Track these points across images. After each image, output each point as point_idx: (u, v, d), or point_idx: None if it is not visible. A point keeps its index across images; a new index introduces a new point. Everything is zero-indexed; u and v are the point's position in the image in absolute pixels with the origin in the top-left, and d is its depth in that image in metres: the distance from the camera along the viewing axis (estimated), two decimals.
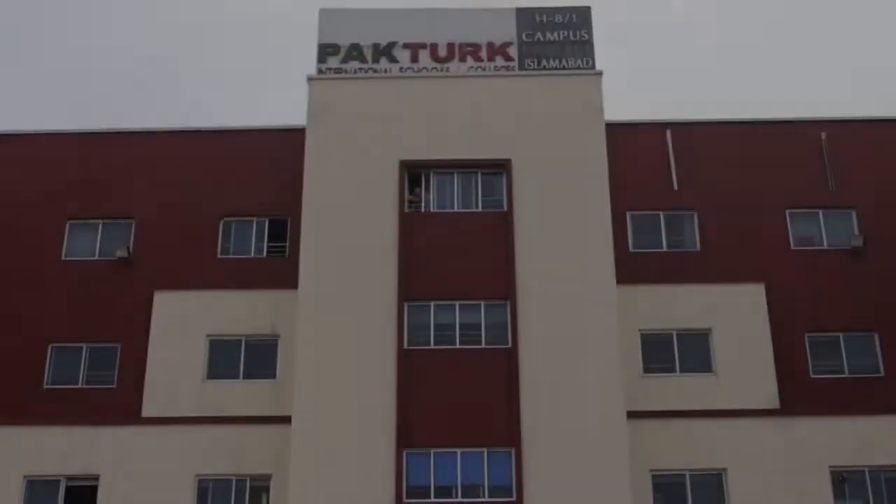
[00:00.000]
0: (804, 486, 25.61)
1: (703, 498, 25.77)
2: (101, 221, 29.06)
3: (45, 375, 27.41)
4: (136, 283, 28.03)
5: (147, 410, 26.59)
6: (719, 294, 27.56)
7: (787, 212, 28.81)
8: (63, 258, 28.73)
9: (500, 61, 29.02)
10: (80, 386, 27.34)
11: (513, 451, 25.00)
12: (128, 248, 28.31)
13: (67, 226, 29.02)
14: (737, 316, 27.27)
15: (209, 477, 25.98)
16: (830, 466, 25.91)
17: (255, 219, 28.87)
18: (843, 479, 25.90)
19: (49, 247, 28.72)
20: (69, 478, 26.16)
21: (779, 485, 25.59)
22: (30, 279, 28.26)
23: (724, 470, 25.81)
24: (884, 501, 25.88)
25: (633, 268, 27.57)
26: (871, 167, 29.21)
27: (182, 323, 27.38)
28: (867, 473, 26.08)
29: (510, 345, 25.94)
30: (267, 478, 25.88)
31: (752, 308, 27.35)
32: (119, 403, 26.80)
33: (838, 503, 25.76)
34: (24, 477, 26.13)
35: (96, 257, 28.74)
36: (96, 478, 26.02)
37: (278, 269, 27.88)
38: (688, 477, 25.92)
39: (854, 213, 28.79)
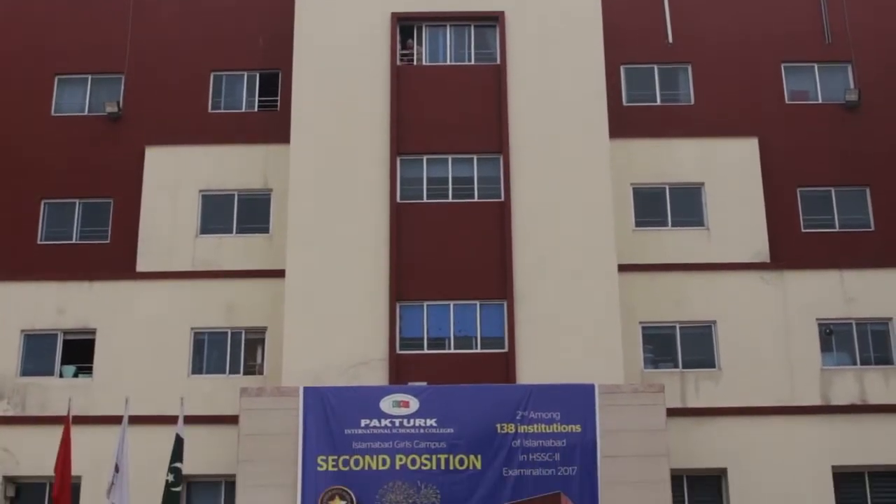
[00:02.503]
0: (792, 339, 25.95)
1: (692, 349, 26.13)
2: (89, 76, 28.78)
3: (39, 231, 27.48)
4: (127, 138, 27.87)
5: (141, 265, 26.71)
6: (712, 148, 27.51)
7: (783, 66, 28.61)
8: (53, 114, 28.52)
9: None
10: (73, 242, 27.44)
11: (505, 303, 25.27)
12: (118, 103, 28.07)
13: (56, 81, 28.74)
14: (729, 170, 27.25)
15: (204, 330, 26.24)
16: (818, 319, 26.20)
17: (245, 72, 28.61)
18: (830, 332, 26.22)
19: (38, 103, 28.48)
20: (66, 332, 26.40)
21: (767, 337, 25.92)
22: (20, 136, 28.09)
23: (714, 322, 26.11)
24: (869, 353, 26.25)
25: (626, 121, 27.48)
26: (868, 20, 28.85)
27: (174, 178, 27.32)
28: (854, 326, 26.40)
29: (503, 198, 25.98)
30: (262, 330, 26.16)
31: (745, 162, 27.31)
32: (113, 258, 26.91)
33: (825, 355, 26.10)
34: (22, 331, 26.35)
35: (86, 113, 28.56)
36: (93, 332, 26.25)
37: (270, 123, 27.75)
38: (678, 329, 26.23)
39: (849, 68, 28.59)
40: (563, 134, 26.32)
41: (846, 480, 25.23)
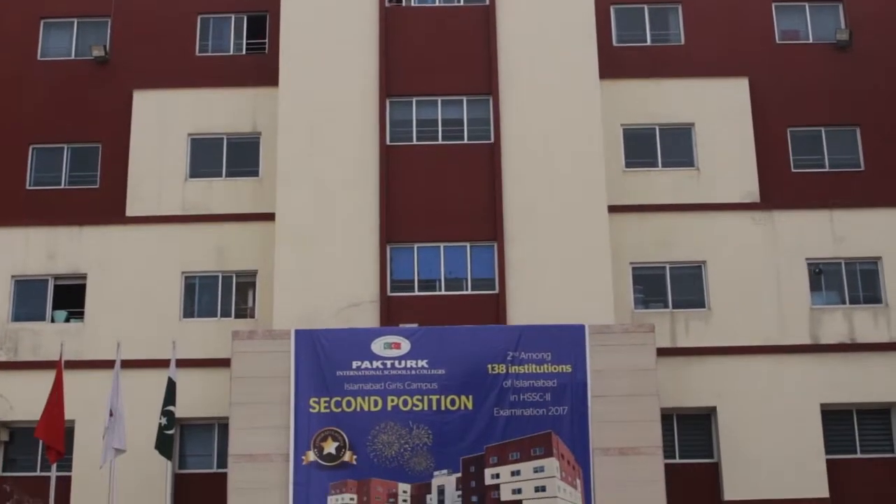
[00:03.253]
0: (781, 278, 26.03)
1: (682, 289, 26.21)
2: (76, 20, 28.54)
3: (28, 177, 27.38)
4: (114, 82, 27.70)
5: (131, 210, 26.63)
6: (703, 89, 27.41)
7: (773, 5, 28.45)
8: (39, 58, 28.30)
9: None
10: (62, 187, 27.35)
11: (495, 245, 25.31)
12: (104, 46, 27.85)
13: (41, 25, 28.51)
14: (720, 110, 27.17)
15: (195, 273, 26.25)
16: (807, 258, 26.29)
17: (233, 15, 28.38)
18: (819, 271, 26.32)
19: (24, 47, 28.26)
20: (56, 277, 26.39)
21: (757, 277, 26.01)
22: (6, 80, 27.90)
23: (704, 262, 26.17)
24: (858, 292, 26.36)
25: (616, 62, 27.37)
26: None
27: (162, 122, 27.18)
28: (843, 265, 26.49)
29: (492, 140, 25.93)
30: (252, 274, 26.18)
31: (736, 102, 27.22)
32: (102, 203, 26.84)
33: (814, 294, 26.23)
34: (12, 277, 26.34)
35: (73, 57, 28.34)
36: (83, 276, 26.24)
37: (258, 66, 27.58)
38: (668, 269, 26.31)
39: (840, 7, 28.45)
40: (552, 75, 26.21)
41: (834, 418, 25.46)
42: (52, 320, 26.16)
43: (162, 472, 23.29)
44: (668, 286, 26.22)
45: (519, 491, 22.74)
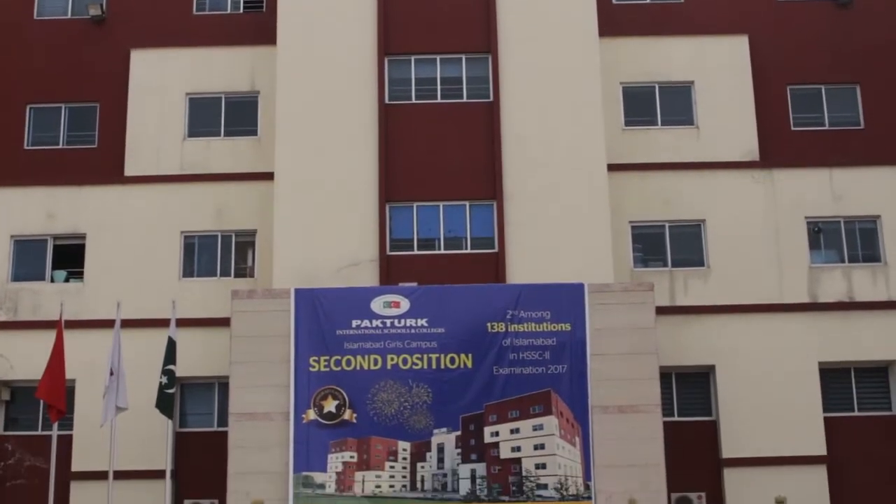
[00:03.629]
0: (781, 237, 26.03)
1: (681, 248, 26.22)
2: None
3: (25, 137, 27.30)
4: (111, 41, 27.54)
5: (129, 169, 26.57)
6: (702, 46, 27.26)
7: None
8: (36, 17, 28.13)
9: None
10: (60, 147, 27.28)
11: (494, 203, 25.30)
12: (101, 5, 27.68)
13: None
14: (720, 68, 27.03)
15: (194, 233, 26.25)
16: (807, 217, 26.27)
17: None
18: (818, 230, 26.32)
19: (21, 6, 28.08)
20: (56, 237, 26.38)
21: (756, 235, 26.00)
22: (3, 40, 27.76)
23: (703, 221, 26.16)
24: (857, 251, 26.38)
25: (615, 20, 27.22)
26: None
27: (160, 81, 27.05)
28: (842, 223, 26.49)
29: (492, 99, 25.86)
30: (252, 233, 26.17)
31: (735, 60, 27.07)
32: (101, 163, 26.79)
33: (813, 253, 26.23)
34: (11, 237, 26.33)
35: (70, 16, 28.16)
36: (83, 236, 26.23)
37: (256, 24, 27.40)
38: (667, 228, 26.30)
39: None
40: (552, 33, 26.09)
41: (832, 376, 25.56)
42: (52, 280, 26.19)
43: (162, 431, 23.36)
44: (667, 245, 26.23)
45: (518, 449, 22.87)
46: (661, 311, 24.49)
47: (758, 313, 25.47)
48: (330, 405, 23.07)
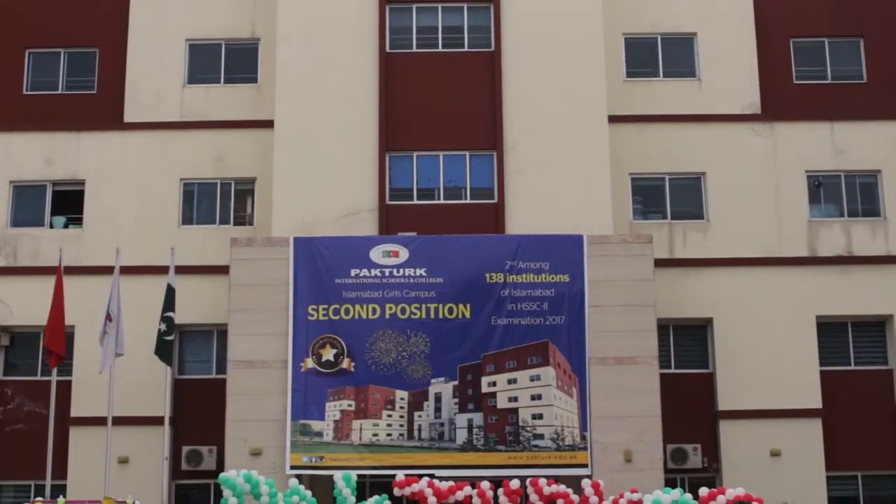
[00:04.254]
0: (781, 190, 25.98)
1: (681, 200, 26.18)
2: None
3: (24, 82, 27.18)
4: None
5: (129, 116, 26.48)
6: None
7: None
8: None
9: None
10: (59, 92, 27.18)
11: (494, 154, 25.24)
12: None
13: None
14: (722, 20, 26.82)
15: (194, 180, 26.19)
16: (807, 171, 26.21)
17: None
18: (818, 184, 26.26)
19: None
20: (55, 183, 26.32)
21: (756, 188, 25.94)
22: None
23: (703, 173, 26.09)
24: (857, 205, 26.35)
25: None
26: None
27: (160, 27, 26.86)
28: (843, 178, 26.44)
29: (493, 48, 25.72)
30: (251, 181, 26.12)
31: (738, 12, 26.85)
32: (100, 109, 26.70)
33: (813, 207, 26.20)
34: (10, 182, 26.28)
35: None
36: (82, 182, 26.18)
37: None
38: (667, 180, 26.24)
39: None
40: None
41: (830, 330, 25.62)
42: (51, 226, 26.16)
43: (161, 378, 23.46)
44: (667, 197, 26.19)
45: (515, 399, 22.98)
46: (659, 263, 24.49)
47: (756, 266, 25.49)
48: (328, 354, 23.15)
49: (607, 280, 23.39)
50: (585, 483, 21.44)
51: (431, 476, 21.75)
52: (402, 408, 23.06)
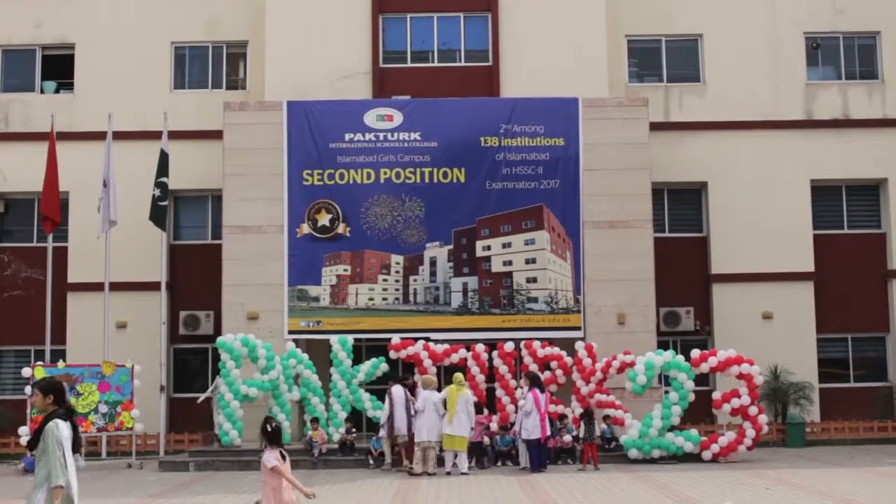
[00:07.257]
0: (778, 53, 25.73)
1: (677, 63, 25.94)
2: None
3: None
4: None
5: None
6: None
7: None
8: None
9: None
10: None
11: (490, 15, 24.89)
12: None
13: None
14: None
15: (185, 44, 25.87)
16: (805, 32, 25.92)
17: None
18: (816, 46, 25.97)
19: None
20: (44, 47, 25.99)
21: (753, 51, 25.69)
22: None
23: (700, 36, 25.80)
24: (855, 67, 26.12)
25: None
26: None
27: None
28: (841, 39, 26.15)
29: None
30: (243, 44, 25.80)
31: None
32: None
33: (811, 69, 25.99)
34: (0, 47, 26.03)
35: None
36: (71, 46, 25.85)
37: None
38: (663, 42, 25.95)
39: None
40: None
41: (824, 193, 25.66)
42: (42, 91, 25.91)
43: (157, 243, 23.53)
44: (663, 59, 25.94)
45: (509, 262, 23.10)
46: (655, 126, 24.35)
47: (752, 130, 25.41)
48: (324, 219, 23.16)
49: (602, 143, 23.26)
50: (579, 345, 21.75)
51: (427, 339, 22.02)
52: (397, 272, 23.19)
